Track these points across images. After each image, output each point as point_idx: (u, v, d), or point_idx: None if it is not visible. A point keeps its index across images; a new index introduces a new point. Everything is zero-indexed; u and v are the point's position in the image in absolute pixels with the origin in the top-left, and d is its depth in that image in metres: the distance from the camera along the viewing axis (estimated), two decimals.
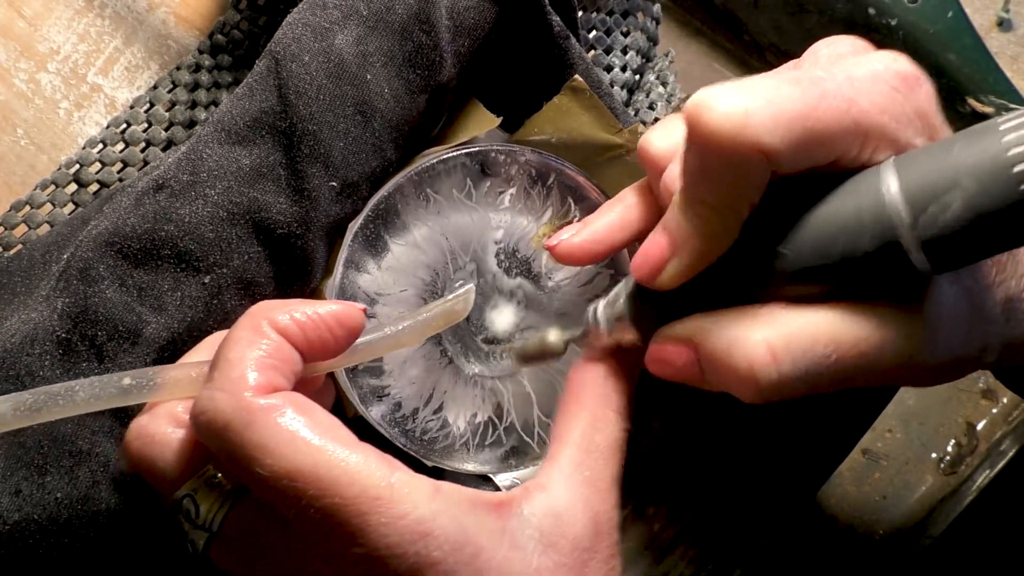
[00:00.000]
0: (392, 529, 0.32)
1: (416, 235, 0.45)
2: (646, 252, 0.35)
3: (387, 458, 0.33)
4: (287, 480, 0.32)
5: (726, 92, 0.32)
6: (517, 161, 0.45)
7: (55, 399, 0.35)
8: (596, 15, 0.57)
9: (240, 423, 0.32)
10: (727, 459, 0.50)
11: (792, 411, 0.50)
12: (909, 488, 0.60)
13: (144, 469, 0.36)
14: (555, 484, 0.35)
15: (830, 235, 0.32)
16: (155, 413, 0.37)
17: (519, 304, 0.46)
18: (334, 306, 0.36)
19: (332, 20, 0.43)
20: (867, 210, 0.32)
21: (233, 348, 0.34)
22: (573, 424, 0.37)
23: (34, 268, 0.46)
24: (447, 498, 0.33)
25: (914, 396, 0.62)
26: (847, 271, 0.32)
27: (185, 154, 0.42)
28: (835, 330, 0.32)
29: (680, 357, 0.35)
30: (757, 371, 0.32)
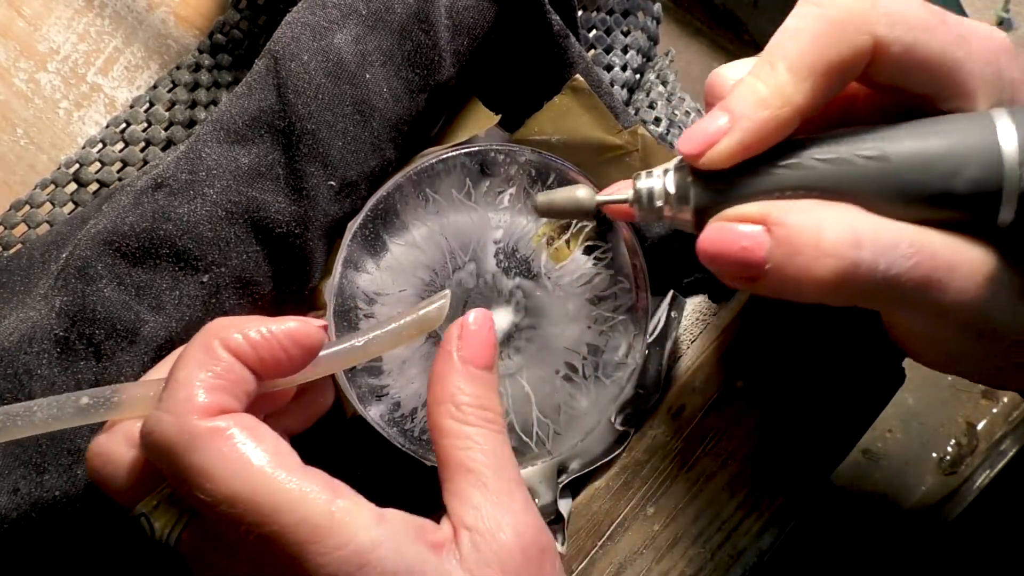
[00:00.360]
0: (330, 559, 0.32)
1: (415, 235, 0.45)
2: (698, 126, 0.34)
3: (333, 484, 0.33)
4: (227, 505, 0.32)
5: None
6: (517, 161, 0.45)
7: (13, 420, 0.35)
8: (596, 14, 0.56)
9: (182, 446, 0.32)
10: (727, 459, 0.50)
11: (792, 411, 0.50)
12: (909, 488, 0.60)
13: (103, 486, 0.36)
14: (469, 517, 0.35)
15: (934, 158, 0.32)
16: (113, 432, 0.37)
17: (518, 304, 0.46)
18: (291, 323, 0.36)
19: (331, 19, 0.43)
20: (975, 145, 0.32)
21: (183, 368, 0.34)
22: (452, 455, 0.37)
23: (33, 267, 0.46)
24: (391, 527, 0.33)
25: (914, 396, 0.62)
26: (937, 200, 0.32)
27: (184, 153, 0.42)
28: (917, 238, 0.32)
29: (747, 238, 0.33)
30: (845, 251, 0.31)
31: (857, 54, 0.32)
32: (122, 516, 0.40)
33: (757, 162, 0.34)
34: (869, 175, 0.33)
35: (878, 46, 0.32)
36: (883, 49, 0.32)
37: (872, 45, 0.32)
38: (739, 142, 0.33)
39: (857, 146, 0.33)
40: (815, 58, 0.32)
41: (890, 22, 0.32)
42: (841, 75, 0.33)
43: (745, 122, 0.33)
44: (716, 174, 0.35)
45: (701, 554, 0.49)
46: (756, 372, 0.50)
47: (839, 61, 0.32)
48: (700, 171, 0.35)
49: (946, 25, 0.33)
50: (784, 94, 0.33)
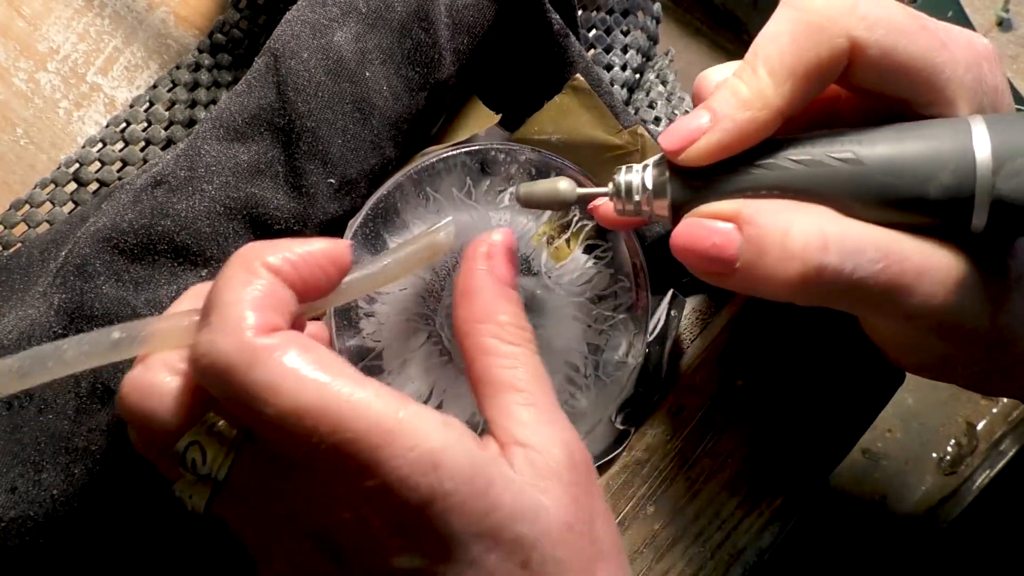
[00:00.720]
0: (404, 461, 0.31)
1: (415, 234, 0.45)
2: (681, 122, 0.35)
3: (395, 393, 0.33)
4: (295, 418, 0.31)
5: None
6: (517, 160, 0.45)
7: (43, 361, 0.34)
8: (596, 14, 0.56)
9: (244, 364, 0.32)
10: (727, 458, 0.50)
11: (792, 411, 0.50)
12: (909, 488, 0.60)
13: (142, 421, 0.35)
14: (517, 433, 0.35)
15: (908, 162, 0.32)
16: (149, 364, 0.35)
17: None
18: (323, 243, 0.36)
19: (331, 17, 0.43)
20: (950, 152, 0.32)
21: (228, 290, 0.34)
22: (489, 373, 0.37)
23: (32, 266, 0.46)
24: (458, 431, 0.33)
25: (914, 396, 0.62)
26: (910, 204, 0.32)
27: (183, 150, 0.42)
28: (886, 242, 0.32)
29: (717, 234, 0.34)
30: (810, 254, 0.32)
31: (835, 57, 0.33)
32: (118, 513, 0.40)
33: (735, 161, 0.35)
34: (842, 177, 0.33)
35: (856, 49, 0.33)
36: (861, 52, 0.33)
37: (850, 48, 0.33)
38: (719, 141, 0.34)
39: (831, 148, 0.33)
40: (793, 61, 0.33)
41: (869, 25, 0.32)
42: (820, 77, 0.33)
43: (726, 122, 0.34)
44: (694, 171, 0.35)
45: (701, 553, 0.49)
46: (756, 372, 0.49)
47: (817, 64, 0.33)
48: (679, 167, 0.36)
49: (927, 30, 0.33)
50: (764, 96, 0.33)
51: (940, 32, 0.34)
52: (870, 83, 0.34)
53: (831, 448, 0.51)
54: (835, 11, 0.32)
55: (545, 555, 0.33)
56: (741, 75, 0.34)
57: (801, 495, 0.50)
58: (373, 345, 0.45)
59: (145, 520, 0.41)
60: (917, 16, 0.33)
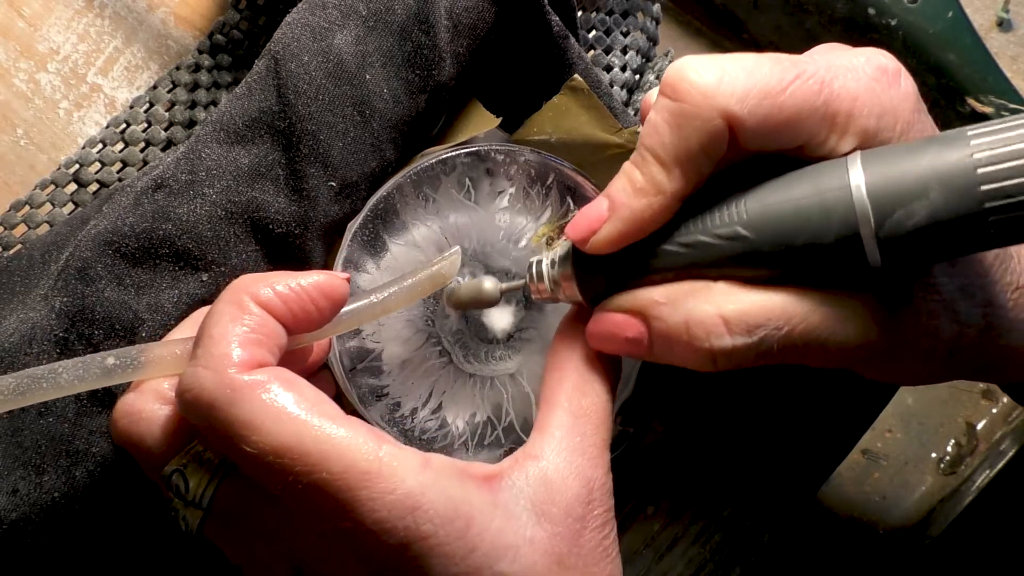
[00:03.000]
0: (380, 504, 0.31)
1: (415, 235, 0.45)
2: (584, 212, 0.36)
3: (375, 432, 0.33)
4: (273, 456, 0.32)
5: (706, 59, 0.34)
6: (516, 161, 0.45)
7: (38, 382, 0.35)
8: (596, 15, 0.56)
9: (225, 400, 0.32)
10: (727, 459, 0.50)
11: (792, 411, 0.50)
12: (909, 488, 0.60)
13: (131, 446, 0.36)
14: (546, 452, 0.35)
15: (792, 225, 0.33)
16: (141, 391, 0.36)
17: (518, 304, 0.46)
18: (316, 276, 0.36)
19: (331, 20, 0.43)
20: (831, 203, 0.32)
21: (216, 324, 0.34)
22: (559, 390, 0.37)
23: (33, 268, 0.46)
24: (437, 471, 0.33)
25: (914, 396, 0.62)
26: (804, 259, 0.33)
27: (184, 153, 0.42)
28: (788, 307, 0.33)
29: (629, 329, 0.35)
30: (712, 342, 0.33)
31: (714, 137, 0.33)
32: (119, 516, 0.40)
33: (638, 247, 0.36)
34: (732, 252, 0.34)
35: (733, 123, 0.33)
36: (739, 124, 0.33)
37: (726, 125, 0.33)
38: (619, 230, 0.35)
39: (717, 227, 0.34)
40: (676, 149, 0.34)
41: (740, 98, 0.33)
42: (706, 159, 0.34)
43: (623, 210, 0.35)
44: (600, 259, 0.36)
45: (701, 554, 0.49)
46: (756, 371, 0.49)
47: (699, 148, 0.33)
48: (585, 256, 0.37)
49: (801, 76, 0.33)
50: (657, 183, 0.34)
51: (820, 70, 0.33)
52: (758, 146, 0.34)
53: (831, 448, 0.51)
54: (703, 94, 0.33)
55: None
56: (635, 162, 0.35)
57: (801, 496, 0.50)
58: (373, 346, 0.45)
59: (145, 522, 0.41)
60: (792, 64, 0.33)
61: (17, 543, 0.39)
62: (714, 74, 0.33)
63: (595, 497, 0.35)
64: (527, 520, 0.34)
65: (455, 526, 0.32)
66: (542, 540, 0.33)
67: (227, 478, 0.34)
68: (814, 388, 0.50)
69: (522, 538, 0.33)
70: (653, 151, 0.34)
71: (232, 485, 0.34)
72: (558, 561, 0.33)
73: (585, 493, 0.35)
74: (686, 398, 0.50)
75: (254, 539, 0.34)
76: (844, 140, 0.34)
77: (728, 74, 0.33)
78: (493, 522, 0.33)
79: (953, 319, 0.34)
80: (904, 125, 0.34)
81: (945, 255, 0.32)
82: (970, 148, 0.30)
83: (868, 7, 0.61)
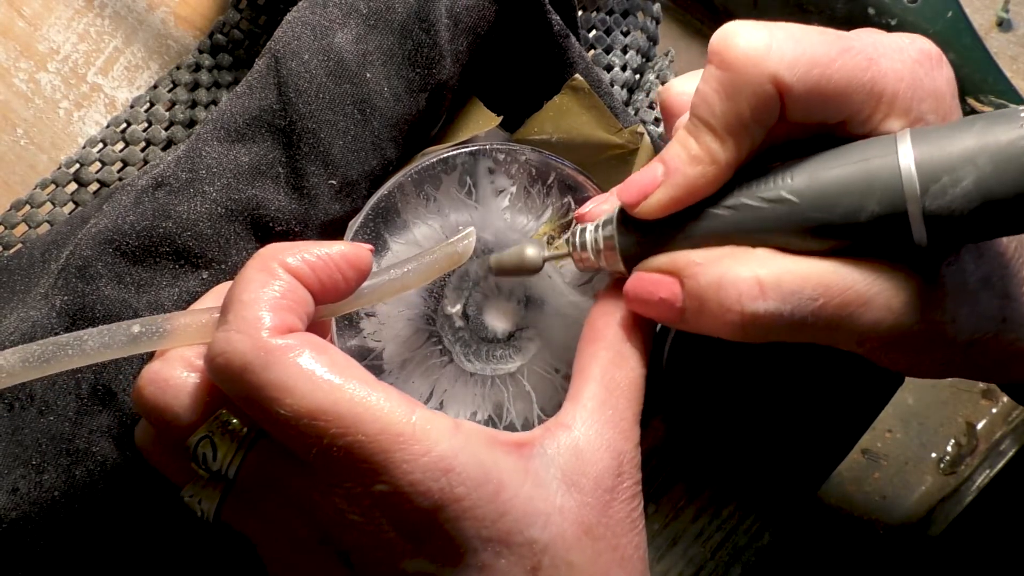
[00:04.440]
0: (415, 466, 0.31)
1: (416, 234, 0.45)
2: (636, 177, 0.36)
3: (407, 397, 0.33)
4: (308, 419, 0.31)
5: (755, 25, 0.34)
6: (517, 160, 0.45)
7: (64, 349, 0.34)
8: (596, 14, 0.57)
9: (259, 363, 0.32)
10: (727, 458, 0.50)
11: (792, 411, 0.50)
12: (909, 488, 0.60)
13: (156, 415, 0.35)
14: (577, 422, 0.35)
15: (838, 193, 0.33)
16: (167, 358, 0.36)
17: (519, 303, 0.46)
18: (343, 246, 0.36)
19: (332, 18, 0.43)
20: (878, 174, 0.32)
21: (246, 289, 0.34)
22: (594, 361, 0.37)
23: (33, 267, 0.46)
24: (468, 436, 0.33)
25: (914, 396, 0.62)
26: (848, 231, 0.33)
27: (184, 152, 0.42)
28: (825, 277, 0.33)
29: (662, 289, 0.35)
30: (744, 303, 0.33)
31: (765, 104, 0.33)
32: (119, 515, 0.40)
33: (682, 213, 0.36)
34: (776, 217, 0.34)
35: (782, 90, 0.33)
36: (788, 92, 0.33)
37: (776, 92, 0.33)
38: (671, 196, 0.35)
39: (762, 191, 0.34)
40: (727, 118, 0.34)
41: (789, 65, 0.33)
42: (757, 126, 0.34)
43: (677, 176, 0.35)
44: (642, 226, 0.36)
45: (701, 554, 0.49)
46: (756, 371, 0.50)
47: (751, 115, 0.33)
48: (628, 223, 0.37)
49: (849, 51, 0.33)
50: (712, 152, 0.34)
51: (867, 47, 0.34)
52: (803, 117, 0.34)
53: (831, 448, 0.51)
54: (753, 60, 0.33)
55: (557, 559, 0.33)
56: (689, 130, 0.35)
57: (801, 495, 0.50)
58: (374, 345, 0.45)
59: (147, 521, 0.41)
60: (839, 38, 0.34)
61: (17, 542, 0.39)
62: (763, 40, 0.33)
63: (624, 470, 0.35)
64: (557, 489, 0.34)
65: (486, 489, 0.32)
66: (571, 509, 0.34)
67: (255, 448, 0.34)
68: (814, 388, 0.50)
69: (552, 506, 0.33)
70: (706, 120, 0.34)
71: (260, 454, 0.34)
72: (587, 531, 0.34)
73: (615, 465, 0.35)
74: (686, 398, 0.50)
75: (281, 510, 0.34)
76: (888, 119, 0.34)
77: (777, 40, 0.33)
78: (523, 488, 0.33)
79: (973, 310, 0.34)
80: (946, 110, 0.34)
81: (989, 232, 0.32)
82: (1020, 121, 0.30)
83: (868, 7, 0.61)
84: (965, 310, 0.34)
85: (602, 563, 0.34)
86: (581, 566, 0.33)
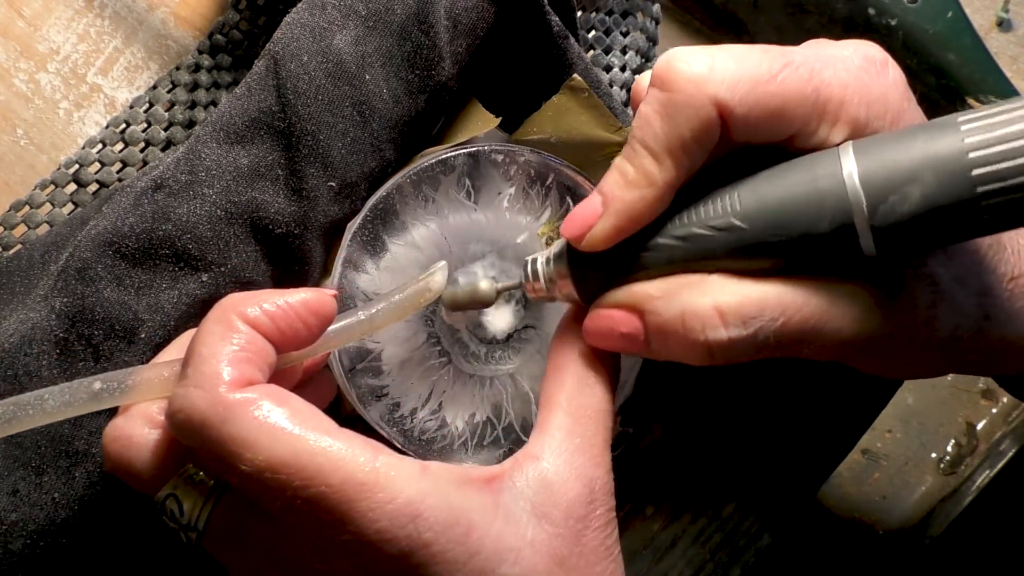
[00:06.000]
0: (381, 514, 0.31)
1: (415, 235, 0.45)
2: (577, 210, 0.36)
3: (370, 442, 0.33)
4: (269, 473, 0.31)
5: (695, 49, 0.34)
6: (516, 161, 0.45)
7: (24, 409, 0.35)
8: (595, 15, 0.57)
9: (217, 419, 0.32)
10: (727, 459, 0.50)
11: (792, 411, 0.50)
12: (909, 488, 0.60)
13: (123, 471, 0.36)
14: (546, 452, 0.35)
15: (786, 215, 0.33)
16: (130, 415, 0.36)
17: (517, 304, 0.46)
18: (304, 294, 0.36)
19: (331, 20, 0.43)
20: (825, 194, 0.32)
21: (204, 344, 0.34)
22: (559, 390, 0.37)
23: (33, 268, 0.46)
24: (435, 478, 0.33)
25: (914, 396, 0.62)
26: (799, 249, 0.33)
27: (184, 154, 0.42)
28: (783, 297, 0.33)
29: (623, 324, 0.35)
30: (708, 333, 0.33)
31: (704, 126, 0.33)
32: (119, 516, 0.40)
33: (629, 243, 0.36)
34: (727, 243, 0.34)
35: (724, 112, 0.33)
36: (729, 113, 0.33)
37: (717, 114, 0.33)
38: (613, 225, 0.35)
39: (710, 218, 0.34)
40: (667, 139, 0.34)
41: (730, 86, 0.33)
42: (698, 148, 0.34)
43: (616, 203, 0.35)
44: (594, 256, 0.36)
45: (701, 554, 0.49)
46: (755, 371, 0.50)
47: (691, 138, 0.33)
48: (579, 254, 0.37)
49: (790, 65, 0.33)
50: (647, 174, 0.34)
51: (809, 59, 0.34)
52: (748, 137, 0.34)
53: (831, 449, 0.51)
54: (694, 82, 0.33)
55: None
56: (627, 155, 0.35)
57: (801, 496, 0.50)
58: (373, 346, 0.45)
59: (146, 522, 0.41)
60: (780, 54, 0.34)
61: (17, 543, 0.39)
62: (704, 63, 0.33)
63: (597, 497, 0.35)
64: (527, 522, 0.34)
65: (456, 532, 0.32)
66: (543, 542, 0.33)
67: (222, 499, 0.34)
68: (814, 388, 0.50)
69: (523, 540, 0.33)
70: (644, 142, 0.34)
71: (227, 506, 0.34)
72: (560, 563, 0.33)
73: (587, 493, 0.35)
74: (686, 398, 0.50)
75: (251, 558, 0.34)
76: (835, 130, 0.34)
77: (718, 62, 0.33)
78: (493, 526, 0.33)
79: (950, 309, 0.34)
80: (894, 114, 0.34)
81: (940, 242, 0.32)
82: (961, 133, 0.30)
83: (868, 7, 0.61)
84: (940, 310, 0.33)
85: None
86: None
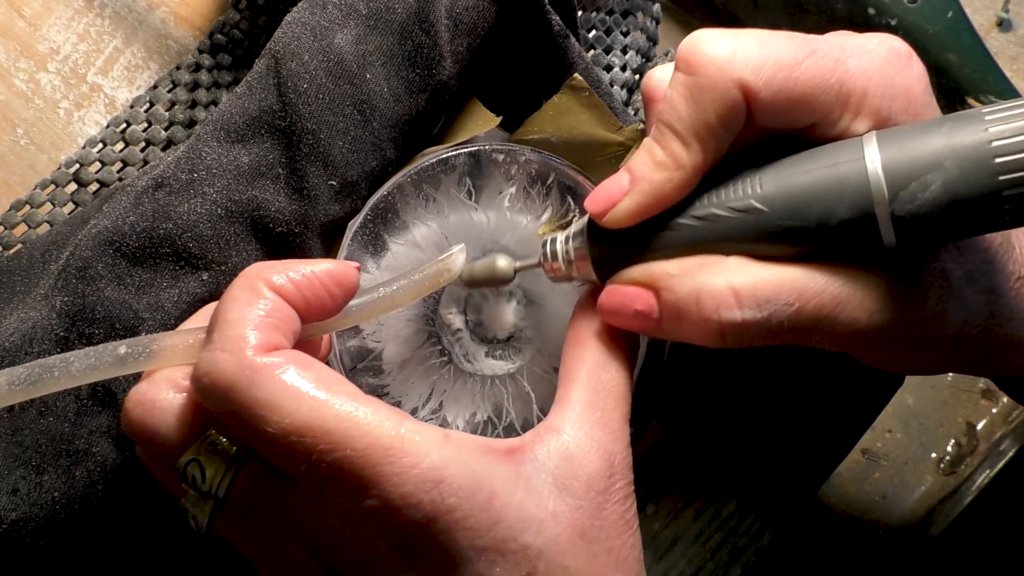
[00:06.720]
0: (406, 478, 0.31)
1: (415, 235, 0.45)
2: (603, 186, 0.36)
3: (395, 410, 0.33)
4: (296, 436, 0.31)
5: (721, 32, 0.34)
6: (517, 160, 0.45)
7: (50, 371, 0.35)
8: (596, 15, 0.57)
9: (244, 382, 0.32)
10: (727, 458, 0.50)
11: (792, 411, 0.50)
12: (909, 488, 0.60)
13: (144, 437, 0.35)
14: (566, 426, 0.35)
15: (807, 200, 0.33)
16: (154, 380, 0.36)
17: (518, 303, 0.46)
18: (328, 264, 0.36)
19: (331, 19, 0.43)
20: (846, 181, 0.32)
21: (231, 309, 0.34)
22: (579, 364, 0.37)
23: (33, 267, 0.46)
24: (458, 445, 0.33)
25: (914, 396, 0.62)
26: (819, 236, 0.33)
27: (184, 153, 0.42)
28: (799, 282, 0.33)
29: (638, 301, 0.35)
30: (722, 313, 0.33)
31: (730, 109, 0.33)
32: (119, 515, 0.40)
33: (650, 223, 0.36)
34: (747, 226, 0.34)
35: (749, 95, 0.33)
36: (754, 96, 0.33)
37: (743, 97, 0.33)
38: (638, 203, 0.35)
39: (731, 199, 0.34)
40: (694, 123, 0.34)
41: (755, 69, 0.33)
42: (724, 131, 0.34)
43: (643, 184, 0.35)
44: (615, 235, 0.36)
45: (701, 554, 0.49)
46: (755, 371, 0.50)
47: (717, 120, 0.34)
48: (600, 233, 0.37)
49: (816, 54, 0.33)
50: (676, 157, 0.34)
51: (834, 49, 0.34)
52: (771, 122, 0.34)
53: (831, 448, 0.51)
54: (719, 65, 0.33)
55: (552, 564, 0.33)
56: (655, 137, 0.35)
57: (801, 496, 0.50)
58: (373, 346, 0.45)
59: (147, 522, 0.41)
60: (805, 41, 0.34)
61: (17, 543, 0.39)
62: (728, 45, 0.33)
63: (616, 471, 0.35)
64: (549, 493, 0.34)
65: (478, 499, 0.32)
66: (564, 513, 0.33)
67: (243, 467, 0.34)
68: (814, 388, 0.50)
69: (544, 511, 0.33)
70: (671, 126, 0.34)
71: (249, 473, 0.34)
72: (581, 534, 0.34)
73: (606, 467, 0.35)
74: (686, 398, 0.50)
75: (270, 527, 0.34)
76: (857, 121, 0.34)
77: (742, 45, 0.33)
78: (515, 495, 0.33)
79: (959, 305, 0.34)
80: (916, 107, 0.34)
81: (958, 234, 0.32)
82: (985, 123, 0.30)
83: (868, 7, 0.61)
84: (950, 306, 0.34)
85: (597, 566, 0.34)
86: (576, 570, 0.33)
